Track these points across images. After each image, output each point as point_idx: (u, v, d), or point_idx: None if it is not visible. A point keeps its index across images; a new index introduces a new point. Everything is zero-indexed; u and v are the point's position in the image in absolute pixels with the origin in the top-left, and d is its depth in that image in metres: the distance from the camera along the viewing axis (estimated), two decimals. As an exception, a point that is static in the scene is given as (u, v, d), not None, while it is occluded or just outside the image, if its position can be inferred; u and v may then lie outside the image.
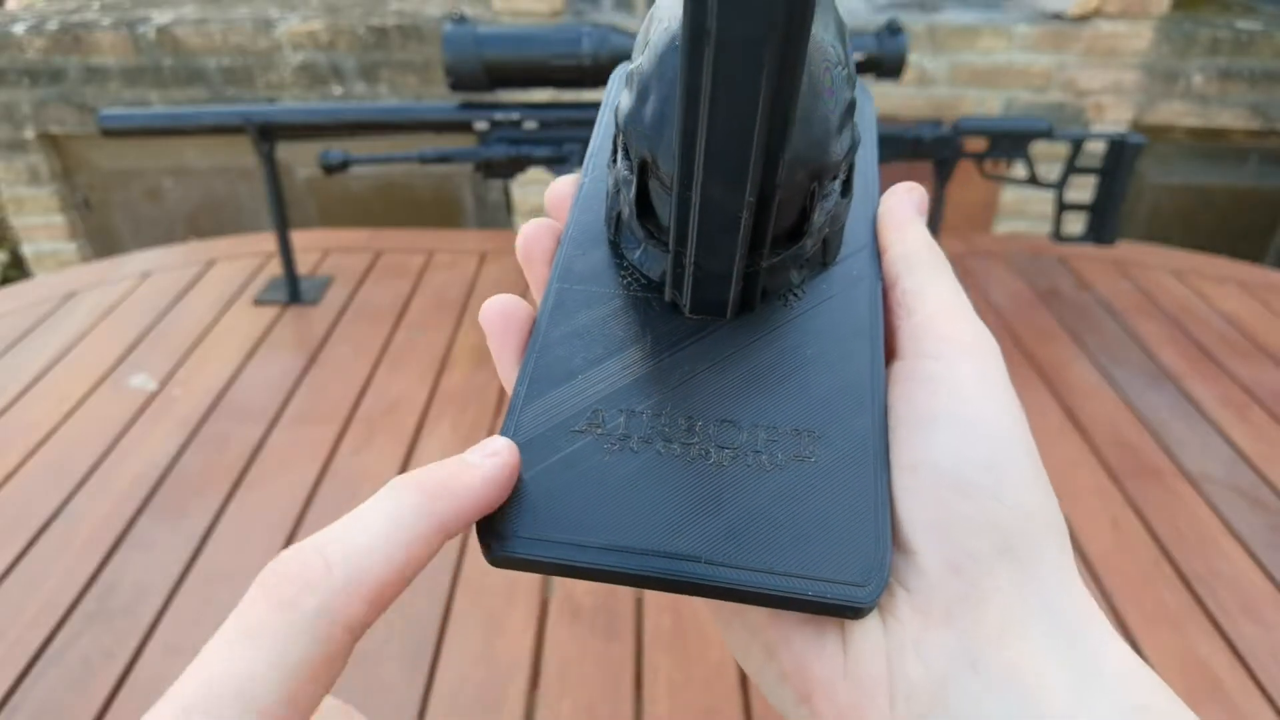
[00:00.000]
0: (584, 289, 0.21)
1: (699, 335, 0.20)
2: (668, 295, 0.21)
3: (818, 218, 0.20)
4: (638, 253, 0.22)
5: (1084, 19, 1.75)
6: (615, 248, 0.22)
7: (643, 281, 0.21)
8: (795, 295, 0.21)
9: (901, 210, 0.23)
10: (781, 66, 0.16)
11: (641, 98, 0.19)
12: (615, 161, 0.22)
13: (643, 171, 0.20)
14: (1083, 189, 1.07)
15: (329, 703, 0.19)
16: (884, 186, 0.25)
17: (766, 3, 0.15)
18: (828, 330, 0.21)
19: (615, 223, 0.22)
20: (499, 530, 0.17)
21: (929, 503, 0.17)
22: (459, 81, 0.87)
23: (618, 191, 0.21)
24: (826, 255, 0.22)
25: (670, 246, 0.20)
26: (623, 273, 0.22)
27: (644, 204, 0.21)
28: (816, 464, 0.18)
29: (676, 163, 0.18)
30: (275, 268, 1.14)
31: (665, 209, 0.20)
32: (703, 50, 0.15)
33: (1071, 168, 1.02)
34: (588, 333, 0.20)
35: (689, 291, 0.20)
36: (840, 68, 0.19)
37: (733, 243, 0.19)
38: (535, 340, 0.20)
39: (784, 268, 0.21)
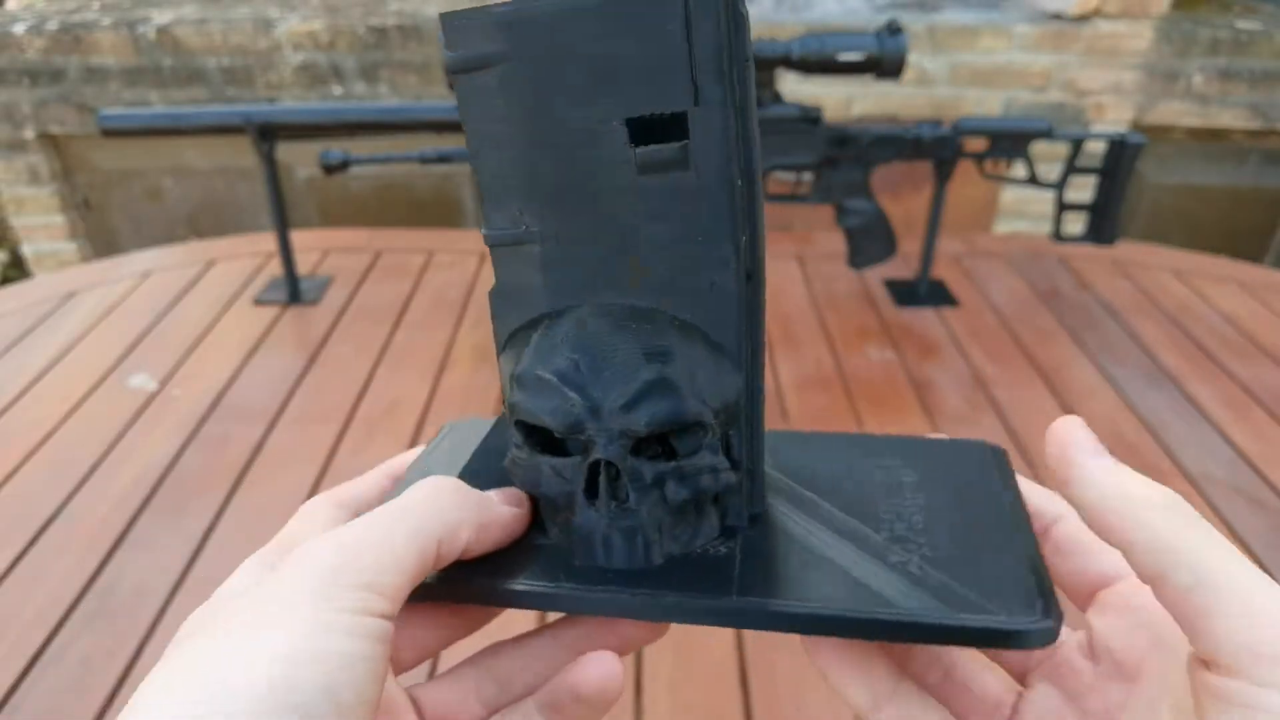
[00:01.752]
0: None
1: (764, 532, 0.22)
2: (737, 515, 0.22)
3: None
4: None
5: (1084, 19, 1.75)
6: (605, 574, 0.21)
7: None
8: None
9: (1080, 447, 0.19)
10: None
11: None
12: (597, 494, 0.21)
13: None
14: (1083, 189, 1.06)
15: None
16: (883, 186, 0.27)
17: None
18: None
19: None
20: None
21: None
22: (459, 81, 0.87)
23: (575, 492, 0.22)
24: None
25: (744, 467, 0.22)
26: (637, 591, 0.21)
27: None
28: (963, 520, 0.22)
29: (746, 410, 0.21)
30: (275, 268, 1.14)
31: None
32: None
33: (1071, 168, 1.02)
34: None
35: (746, 501, 0.22)
36: None
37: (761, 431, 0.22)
38: None
39: None
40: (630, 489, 0.21)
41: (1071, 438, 0.19)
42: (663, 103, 0.18)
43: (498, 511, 0.22)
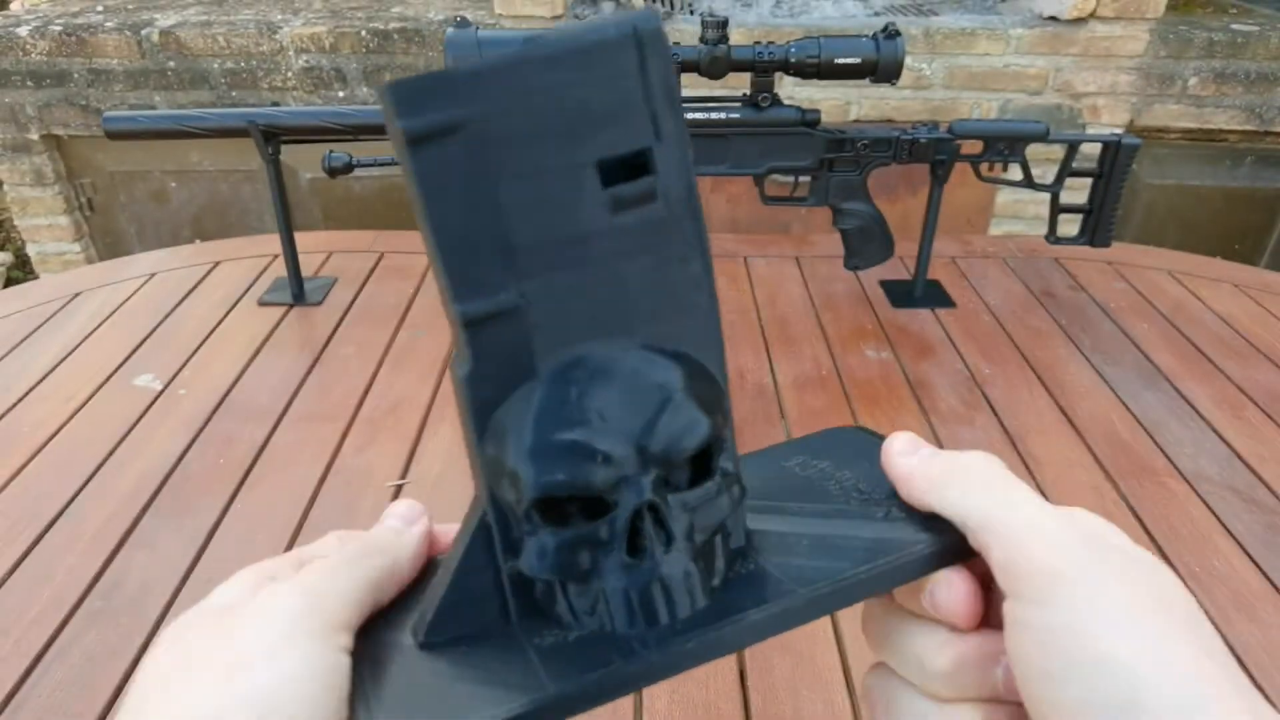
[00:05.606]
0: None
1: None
2: (739, 535, 0.22)
3: None
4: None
5: (1079, 22, 1.76)
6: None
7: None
8: None
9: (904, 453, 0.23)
10: None
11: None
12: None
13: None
14: (1078, 191, 1.07)
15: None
16: (880, 188, 0.27)
17: None
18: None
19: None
20: None
21: None
22: (460, 85, 0.87)
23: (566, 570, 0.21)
24: None
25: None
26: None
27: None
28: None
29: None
30: (279, 269, 1.14)
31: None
32: None
33: (1067, 170, 1.03)
34: None
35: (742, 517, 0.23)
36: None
37: None
38: None
39: None
40: (674, 528, 0.20)
41: (891, 448, 0.23)
42: (629, 142, 0.19)
43: (411, 533, 0.24)
